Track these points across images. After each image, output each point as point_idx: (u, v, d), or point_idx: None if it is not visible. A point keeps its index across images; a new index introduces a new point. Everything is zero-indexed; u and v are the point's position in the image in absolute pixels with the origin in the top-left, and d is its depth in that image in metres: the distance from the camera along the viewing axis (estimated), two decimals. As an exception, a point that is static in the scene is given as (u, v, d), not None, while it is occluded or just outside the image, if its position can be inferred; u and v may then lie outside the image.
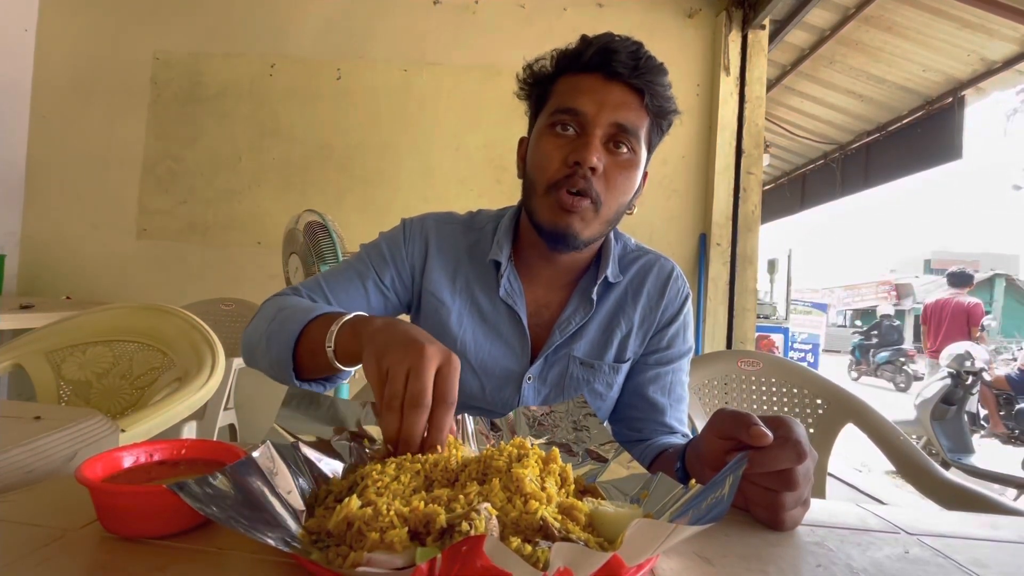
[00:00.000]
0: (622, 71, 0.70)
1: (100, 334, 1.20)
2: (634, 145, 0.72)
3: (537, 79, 0.78)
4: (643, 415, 0.82)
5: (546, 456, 0.46)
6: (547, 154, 0.73)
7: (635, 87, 0.71)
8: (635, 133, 0.72)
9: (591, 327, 0.81)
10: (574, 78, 0.73)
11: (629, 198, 0.76)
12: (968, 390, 3.63)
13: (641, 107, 0.72)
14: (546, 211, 0.73)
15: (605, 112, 0.70)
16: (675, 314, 0.85)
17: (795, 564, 0.41)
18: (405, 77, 2.65)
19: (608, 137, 0.71)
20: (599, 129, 0.70)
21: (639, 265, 0.85)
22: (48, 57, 2.71)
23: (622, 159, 0.72)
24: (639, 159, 0.74)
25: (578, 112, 0.71)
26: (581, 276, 0.83)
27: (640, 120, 0.72)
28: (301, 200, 2.58)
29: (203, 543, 0.37)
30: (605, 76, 0.71)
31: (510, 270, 0.81)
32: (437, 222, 0.86)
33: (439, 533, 0.35)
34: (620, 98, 0.71)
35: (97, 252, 2.69)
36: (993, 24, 2.88)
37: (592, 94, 0.71)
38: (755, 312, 2.62)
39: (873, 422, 1.14)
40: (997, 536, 0.49)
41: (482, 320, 0.81)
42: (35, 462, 0.50)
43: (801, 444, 0.45)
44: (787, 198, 6.08)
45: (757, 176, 2.59)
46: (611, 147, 0.72)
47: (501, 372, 0.81)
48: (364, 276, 0.82)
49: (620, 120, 0.70)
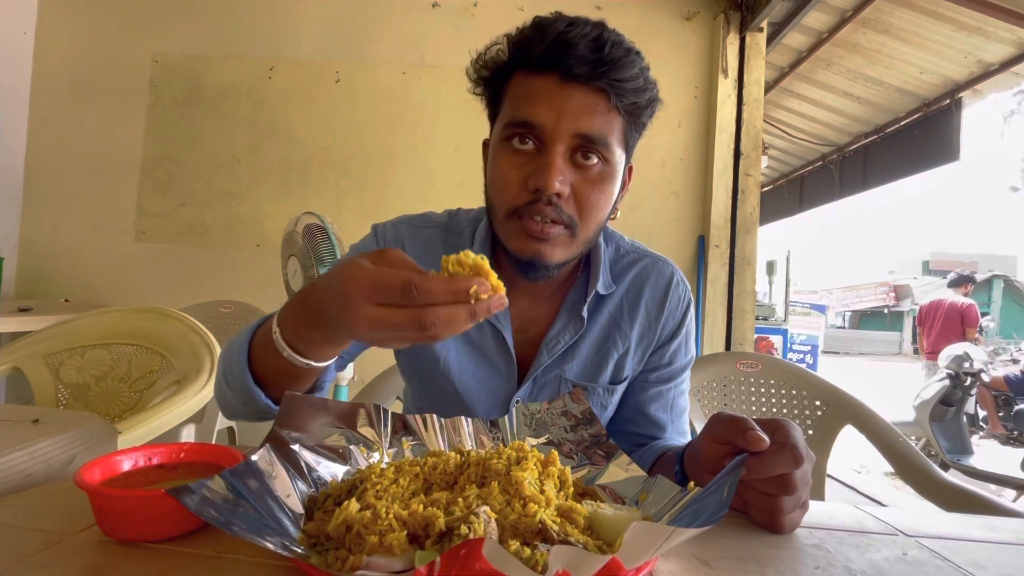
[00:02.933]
0: (580, 71, 0.59)
1: (98, 337, 1.20)
2: (605, 154, 0.62)
3: (490, 74, 0.67)
4: (645, 431, 0.79)
5: (545, 459, 0.46)
6: (504, 175, 0.63)
7: (599, 87, 0.60)
8: (603, 141, 0.61)
9: (583, 346, 0.74)
10: (527, 79, 0.62)
11: (608, 209, 0.66)
12: (967, 391, 3.63)
13: (610, 108, 0.61)
14: (511, 239, 0.64)
15: (565, 122, 0.59)
16: (676, 327, 0.77)
17: (794, 566, 0.41)
18: (404, 79, 2.66)
19: (573, 149, 0.61)
20: (560, 144, 0.60)
21: (635, 272, 0.77)
22: (47, 60, 2.71)
23: (592, 174, 0.62)
24: (613, 167, 0.64)
25: (534, 125, 0.60)
26: (567, 287, 0.75)
27: (609, 124, 0.61)
28: (300, 202, 2.58)
29: (202, 547, 0.37)
30: (562, 77, 0.60)
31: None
32: (412, 227, 0.77)
33: (438, 536, 0.35)
34: (582, 103, 0.60)
35: (96, 254, 2.69)
36: (990, 26, 2.89)
37: (548, 101, 0.60)
38: (754, 314, 2.62)
39: (872, 423, 1.14)
40: (995, 537, 0.49)
41: (465, 339, 0.73)
42: (33, 466, 0.50)
43: (798, 448, 0.45)
44: (785, 200, 6.09)
45: (755, 178, 2.60)
46: (578, 160, 0.62)
47: (487, 395, 0.74)
48: None
49: (584, 130, 0.60)
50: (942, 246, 41.58)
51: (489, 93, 0.69)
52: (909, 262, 29.96)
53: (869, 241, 77.70)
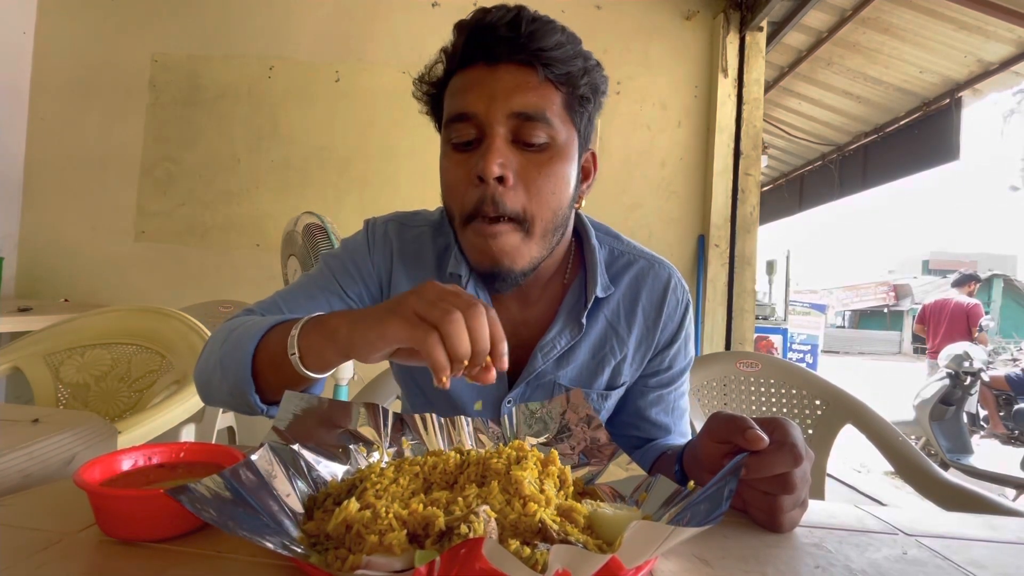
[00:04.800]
0: (501, 50, 0.59)
1: (98, 337, 1.20)
2: (548, 131, 0.60)
3: (432, 88, 0.67)
4: (646, 435, 0.78)
5: (545, 458, 0.46)
6: (452, 177, 0.62)
7: (525, 62, 0.59)
8: (542, 117, 0.59)
9: (580, 351, 0.72)
10: (458, 77, 0.62)
11: (567, 196, 0.64)
12: (967, 391, 3.63)
13: (541, 82, 0.60)
14: (469, 250, 0.63)
15: (497, 104, 0.58)
16: (675, 331, 0.76)
17: (794, 565, 0.41)
18: (404, 79, 2.65)
19: (513, 131, 0.60)
20: (497, 127, 0.59)
21: (632, 274, 0.75)
22: (46, 59, 2.71)
23: (537, 154, 0.60)
24: (561, 145, 0.61)
25: (468, 114, 0.59)
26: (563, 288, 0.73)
27: (546, 99, 0.60)
28: (300, 202, 2.57)
29: (202, 547, 0.37)
30: (487, 63, 0.60)
31: (473, 284, 0.70)
32: (403, 225, 0.76)
33: (438, 535, 0.35)
34: (510, 82, 0.59)
35: (95, 254, 2.68)
36: (990, 26, 2.89)
37: (478, 88, 0.59)
38: (754, 313, 2.63)
39: (872, 423, 1.14)
40: (995, 537, 0.49)
41: None
42: (33, 465, 0.50)
43: (797, 447, 0.45)
44: (785, 199, 6.09)
45: (755, 177, 2.60)
46: (521, 141, 0.60)
47: (478, 396, 0.73)
48: (328, 290, 0.71)
49: (517, 108, 0.58)
50: (942, 245, 41.63)
51: (433, 107, 0.69)
52: (909, 261, 29.97)
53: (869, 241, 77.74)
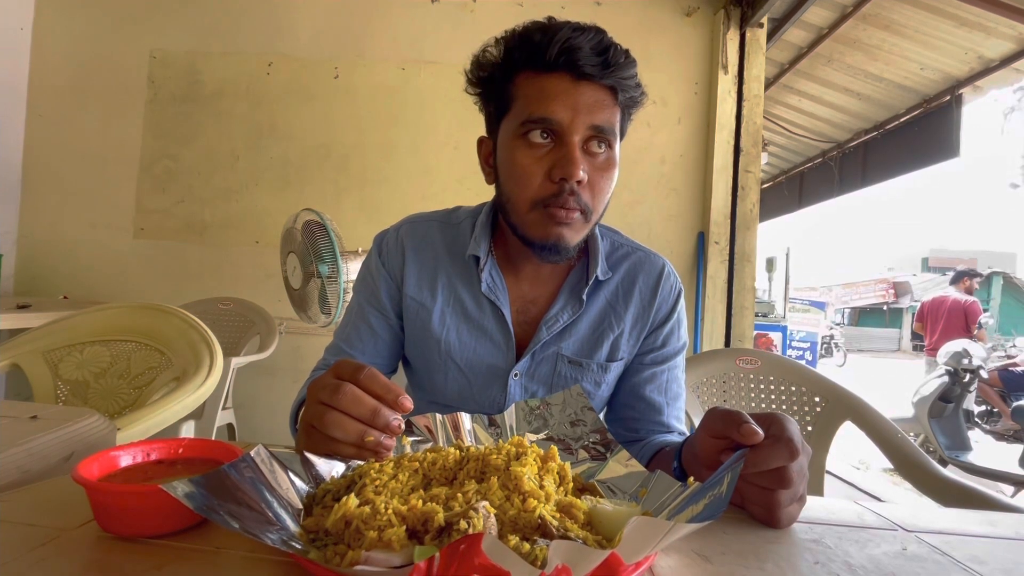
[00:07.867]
0: (591, 71, 0.66)
1: (97, 333, 1.19)
2: (611, 142, 0.70)
3: (490, 74, 0.73)
4: (640, 415, 0.82)
5: (544, 454, 0.46)
6: (526, 169, 0.69)
7: (606, 85, 0.68)
8: (611, 131, 0.69)
9: (580, 325, 0.80)
10: (538, 79, 0.69)
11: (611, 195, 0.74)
12: (966, 387, 3.63)
13: (614, 103, 0.70)
14: (536, 227, 0.71)
15: (581, 117, 0.67)
16: (668, 312, 0.84)
17: (793, 561, 0.41)
18: (403, 76, 2.65)
19: (585, 140, 0.69)
20: (576, 136, 0.67)
21: (629, 263, 0.84)
22: (44, 56, 2.70)
23: (601, 161, 0.70)
24: (616, 155, 0.72)
25: (553, 121, 0.67)
26: (567, 271, 0.82)
27: (614, 117, 0.70)
28: (299, 199, 2.57)
29: (200, 542, 0.37)
30: (574, 77, 0.67)
31: (491, 265, 0.79)
32: (412, 224, 0.85)
33: (437, 531, 0.35)
34: (593, 99, 0.68)
35: (94, 251, 2.68)
36: (990, 22, 2.89)
37: (564, 99, 0.67)
38: (753, 310, 2.63)
39: (871, 420, 1.14)
40: (994, 532, 0.49)
41: (465, 317, 0.80)
42: (32, 462, 0.50)
43: (794, 441, 0.45)
44: (785, 196, 6.08)
45: (755, 174, 2.59)
46: (590, 150, 0.69)
47: (487, 369, 0.80)
48: (367, 318, 0.83)
49: (597, 123, 0.68)
50: (941, 243, 41.53)
51: (493, 91, 0.74)
52: (908, 259, 29.97)
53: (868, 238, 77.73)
